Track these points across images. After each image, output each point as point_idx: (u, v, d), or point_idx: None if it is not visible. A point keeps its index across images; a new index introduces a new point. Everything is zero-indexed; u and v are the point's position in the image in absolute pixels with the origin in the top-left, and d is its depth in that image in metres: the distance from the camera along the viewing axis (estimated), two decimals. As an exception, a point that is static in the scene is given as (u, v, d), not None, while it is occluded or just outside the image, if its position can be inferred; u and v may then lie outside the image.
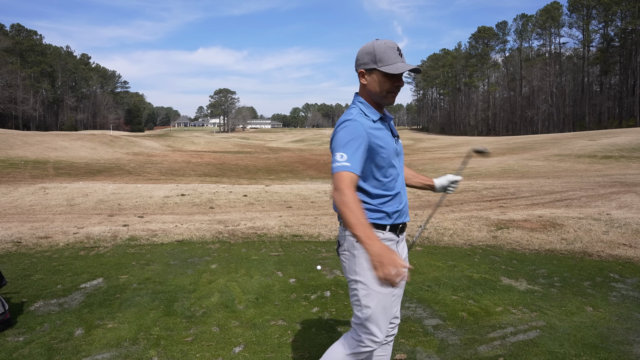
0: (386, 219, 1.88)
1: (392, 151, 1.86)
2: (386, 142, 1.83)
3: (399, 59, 1.79)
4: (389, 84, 1.81)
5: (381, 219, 1.88)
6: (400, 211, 1.91)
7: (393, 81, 1.81)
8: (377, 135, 1.81)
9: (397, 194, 1.89)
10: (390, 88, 1.82)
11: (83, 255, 5.33)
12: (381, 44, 1.78)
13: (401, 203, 1.91)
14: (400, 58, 1.79)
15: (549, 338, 3.02)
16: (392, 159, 1.86)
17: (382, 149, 1.81)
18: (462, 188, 12.46)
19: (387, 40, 1.80)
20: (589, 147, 29.55)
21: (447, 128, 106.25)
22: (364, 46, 1.85)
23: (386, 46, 1.77)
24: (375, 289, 1.77)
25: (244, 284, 4.21)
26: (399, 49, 1.79)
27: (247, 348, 2.92)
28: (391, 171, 1.87)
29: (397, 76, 1.81)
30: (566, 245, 5.56)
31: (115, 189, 12.74)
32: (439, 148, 48.60)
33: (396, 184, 1.90)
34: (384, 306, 1.80)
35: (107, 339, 3.04)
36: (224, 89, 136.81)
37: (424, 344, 2.97)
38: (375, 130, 1.81)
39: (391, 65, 1.76)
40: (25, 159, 25.69)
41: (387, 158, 1.83)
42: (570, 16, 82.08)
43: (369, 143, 1.77)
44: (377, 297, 1.77)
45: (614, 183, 12.51)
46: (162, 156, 34.56)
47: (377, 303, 1.77)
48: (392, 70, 1.76)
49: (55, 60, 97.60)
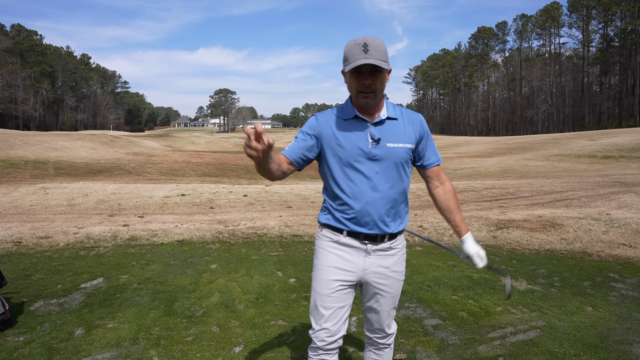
0: (337, 222, 1.82)
1: (354, 152, 1.76)
2: (348, 141, 1.77)
3: (361, 56, 1.65)
4: (356, 83, 1.72)
5: (332, 220, 1.84)
6: (357, 219, 1.79)
7: (359, 79, 1.71)
8: (339, 133, 1.78)
9: (356, 200, 1.77)
10: (358, 87, 1.72)
11: (83, 255, 5.33)
12: (350, 42, 1.69)
13: (362, 212, 1.78)
14: (363, 54, 1.65)
15: (548, 338, 3.02)
16: (354, 161, 1.76)
17: (340, 148, 1.77)
18: (462, 188, 12.47)
19: (359, 37, 1.68)
20: (588, 147, 29.56)
21: (447, 128, 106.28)
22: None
23: (353, 44, 1.67)
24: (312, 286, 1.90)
25: (244, 284, 4.22)
26: (365, 45, 1.65)
27: (247, 348, 2.93)
28: (351, 173, 1.78)
29: (362, 74, 1.70)
30: (566, 245, 5.56)
31: (116, 189, 12.74)
32: (439, 148, 48.52)
33: (357, 189, 1.77)
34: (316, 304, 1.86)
35: (107, 339, 3.04)
36: (224, 89, 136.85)
37: (424, 343, 2.97)
38: (339, 128, 1.78)
39: (351, 64, 1.67)
40: (25, 159, 25.69)
41: (345, 158, 1.77)
42: (570, 16, 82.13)
43: (325, 139, 1.79)
44: (312, 293, 1.89)
45: (614, 183, 12.52)
46: (162, 156, 34.56)
47: (312, 298, 1.89)
48: (348, 67, 1.68)
49: (55, 60, 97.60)
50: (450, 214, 1.93)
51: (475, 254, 1.90)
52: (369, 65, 1.66)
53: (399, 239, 1.90)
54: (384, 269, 1.86)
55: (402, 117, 1.85)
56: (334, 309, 1.83)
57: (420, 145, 1.88)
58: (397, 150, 1.79)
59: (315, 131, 1.80)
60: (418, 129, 1.86)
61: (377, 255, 1.84)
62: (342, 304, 1.85)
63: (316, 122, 1.81)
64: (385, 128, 1.80)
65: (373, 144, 1.77)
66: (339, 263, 1.83)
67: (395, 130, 1.81)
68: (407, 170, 1.86)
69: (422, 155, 1.91)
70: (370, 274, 1.85)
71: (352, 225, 1.80)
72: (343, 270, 1.82)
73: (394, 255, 1.88)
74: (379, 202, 1.78)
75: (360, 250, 1.83)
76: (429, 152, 1.91)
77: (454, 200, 1.94)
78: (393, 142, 1.79)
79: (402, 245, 1.93)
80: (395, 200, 1.82)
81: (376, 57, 1.65)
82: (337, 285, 1.82)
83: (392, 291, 1.91)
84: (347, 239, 1.82)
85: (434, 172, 1.94)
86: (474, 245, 1.91)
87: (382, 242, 1.83)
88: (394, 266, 1.89)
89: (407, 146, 1.82)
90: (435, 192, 1.97)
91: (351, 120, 1.79)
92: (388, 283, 1.89)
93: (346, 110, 1.81)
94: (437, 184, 1.96)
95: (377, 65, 1.64)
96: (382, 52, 1.67)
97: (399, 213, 1.86)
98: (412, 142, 1.84)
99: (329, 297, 1.82)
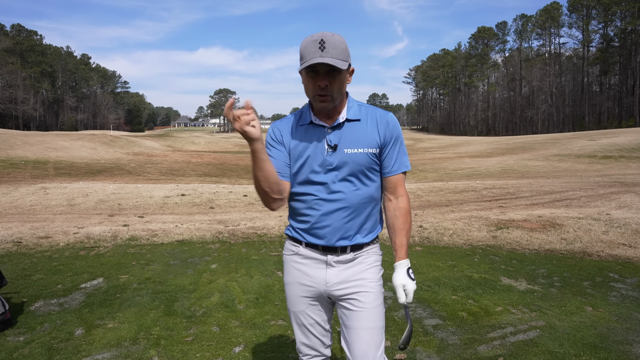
0: (296, 233, 1.69)
1: (311, 161, 1.61)
2: (304, 150, 1.62)
3: (316, 54, 1.47)
4: (312, 84, 1.54)
5: (292, 230, 1.72)
6: (314, 230, 1.63)
7: (315, 80, 1.53)
8: (296, 141, 1.64)
9: (312, 209, 1.62)
10: (314, 89, 1.54)
11: (83, 255, 5.33)
12: (306, 39, 1.52)
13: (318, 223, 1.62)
14: (319, 52, 1.47)
15: (548, 338, 3.02)
16: (310, 170, 1.61)
17: (296, 156, 1.63)
18: (462, 188, 12.46)
19: (316, 34, 1.51)
20: (588, 147, 29.56)
21: (447, 128, 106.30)
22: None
23: (309, 40, 1.50)
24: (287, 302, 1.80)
25: (244, 283, 4.22)
26: (322, 42, 1.47)
27: (247, 348, 2.93)
28: (307, 182, 1.62)
29: (318, 74, 1.52)
30: (566, 245, 5.57)
31: (116, 189, 12.74)
32: (439, 148, 48.62)
33: (312, 199, 1.61)
34: (292, 320, 1.78)
35: (107, 339, 3.05)
36: (224, 89, 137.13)
37: (424, 343, 2.97)
38: (296, 136, 1.65)
39: (305, 62, 1.49)
40: (25, 159, 25.69)
41: (302, 167, 1.62)
42: (570, 16, 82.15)
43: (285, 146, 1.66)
44: (289, 312, 1.79)
45: (614, 183, 12.52)
46: (162, 156, 34.56)
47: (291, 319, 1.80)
48: (302, 66, 1.50)
49: (55, 60, 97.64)
50: (393, 233, 1.69)
51: (399, 285, 1.64)
52: (324, 64, 1.48)
53: (366, 249, 1.69)
54: (350, 276, 1.65)
55: (366, 117, 1.64)
56: (309, 325, 1.72)
57: (385, 149, 1.65)
58: (357, 157, 1.59)
59: (279, 140, 1.66)
60: (383, 130, 1.63)
61: (339, 266, 1.66)
62: (317, 319, 1.72)
63: (277, 131, 1.68)
64: (344, 132, 1.61)
65: (329, 151, 1.59)
66: (301, 278, 1.70)
67: (355, 133, 1.61)
68: (372, 176, 1.65)
69: (382, 160, 1.66)
70: (334, 287, 1.66)
71: (309, 237, 1.65)
72: (305, 286, 1.69)
73: (360, 262, 1.67)
74: (337, 213, 1.60)
75: (320, 262, 1.66)
76: (390, 159, 1.65)
77: (402, 220, 1.68)
78: (351, 148, 1.59)
79: (371, 252, 1.70)
80: (357, 209, 1.62)
81: (333, 56, 1.48)
82: (304, 302, 1.71)
83: (365, 304, 1.63)
84: (306, 250, 1.68)
85: (391, 182, 1.68)
86: (402, 276, 1.64)
87: (344, 254, 1.65)
88: (361, 273, 1.66)
89: (368, 151, 1.61)
90: (385, 206, 1.73)
91: (308, 126, 1.64)
92: (356, 292, 1.64)
93: (304, 116, 1.67)
94: (390, 197, 1.70)
95: (333, 65, 1.47)
96: (341, 50, 1.50)
97: (364, 223, 1.65)
98: (375, 147, 1.62)
99: (301, 314, 1.72)
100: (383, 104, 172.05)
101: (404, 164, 1.68)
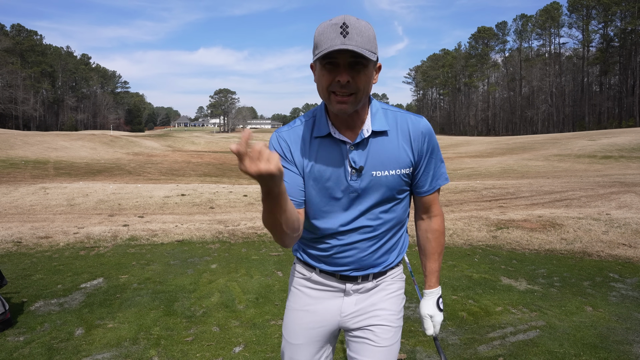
0: (310, 258, 1.44)
1: (330, 185, 1.32)
2: (322, 170, 1.31)
3: (337, 40, 1.13)
4: (327, 79, 1.20)
5: (304, 254, 1.46)
6: (331, 258, 1.39)
7: (332, 74, 1.19)
8: (310, 157, 1.33)
9: (331, 237, 1.37)
10: (330, 85, 1.20)
11: (83, 255, 5.33)
12: (324, 23, 1.19)
13: (338, 251, 1.37)
14: (340, 38, 1.13)
15: (548, 338, 3.02)
16: (328, 195, 1.33)
17: (312, 176, 1.33)
18: (462, 188, 12.46)
19: (337, 17, 1.18)
20: (588, 147, 29.56)
21: (447, 128, 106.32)
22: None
23: (327, 25, 1.17)
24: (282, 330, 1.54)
25: (244, 283, 4.22)
26: (345, 26, 1.14)
27: (247, 348, 2.93)
28: (325, 206, 1.34)
29: (337, 67, 1.18)
30: (566, 245, 5.57)
31: (116, 189, 12.73)
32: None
33: (332, 224, 1.35)
34: (284, 352, 1.51)
35: (107, 339, 3.05)
36: (224, 89, 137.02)
37: (424, 344, 2.97)
38: (310, 150, 1.33)
39: (322, 51, 1.16)
40: (25, 159, 25.69)
41: (318, 189, 1.33)
42: (570, 16, 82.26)
43: (296, 162, 1.33)
44: (282, 338, 1.53)
45: (614, 183, 12.52)
46: (162, 156, 34.55)
47: (282, 343, 1.53)
48: (317, 55, 1.17)
49: (55, 60, 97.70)
50: (424, 257, 1.50)
51: (427, 316, 1.49)
52: (347, 53, 1.15)
53: (390, 274, 1.46)
54: (368, 306, 1.43)
55: (395, 128, 1.33)
56: None
57: (420, 167, 1.38)
58: (387, 180, 1.32)
59: (287, 157, 1.33)
60: (418, 145, 1.34)
61: (358, 294, 1.43)
62: (314, 356, 1.47)
63: (284, 144, 1.34)
64: (371, 150, 1.31)
65: (353, 174, 1.30)
66: (311, 306, 1.45)
67: (384, 151, 1.32)
68: (402, 196, 1.40)
69: (416, 179, 1.40)
70: (349, 318, 1.43)
71: (326, 266, 1.41)
72: (314, 317, 1.44)
73: (382, 290, 1.44)
74: (361, 243, 1.36)
75: (337, 291, 1.43)
76: (425, 177, 1.39)
77: (434, 244, 1.47)
78: (381, 170, 1.31)
79: (396, 279, 1.47)
80: (382, 236, 1.38)
81: (358, 44, 1.14)
82: (307, 336, 1.45)
83: (382, 339, 1.40)
84: (321, 277, 1.43)
85: (425, 202, 1.44)
86: (430, 307, 1.48)
87: (366, 282, 1.42)
88: (381, 303, 1.43)
89: (401, 172, 1.33)
90: (417, 224, 1.51)
91: (324, 139, 1.32)
92: (375, 325, 1.41)
93: (319, 124, 1.33)
94: (422, 216, 1.48)
95: (359, 53, 1.14)
96: (368, 38, 1.17)
97: (390, 246, 1.42)
98: (408, 166, 1.34)
99: (299, 349, 1.45)
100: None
101: (442, 177, 1.42)
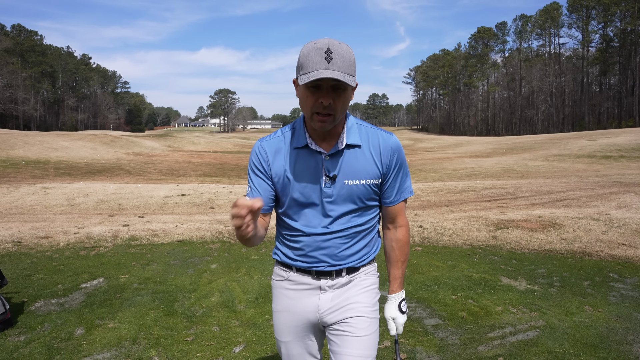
0: (286, 258, 1.56)
1: (306, 192, 1.46)
2: (299, 178, 1.46)
3: (322, 65, 1.28)
4: (312, 100, 1.34)
5: (281, 255, 1.59)
6: (306, 256, 1.52)
7: (316, 96, 1.33)
8: (289, 167, 1.47)
9: (306, 235, 1.50)
10: (314, 106, 1.34)
11: (83, 255, 5.34)
12: (309, 45, 1.32)
13: (312, 248, 1.50)
14: (324, 64, 1.28)
15: (548, 338, 3.02)
16: (305, 200, 1.48)
17: (290, 185, 1.47)
18: (462, 188, 12.46)
19: (320, 40, 1.31)
20: (588, 147, 29.56)
21: (447, 128, 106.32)
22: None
23: (312, 48, 1.30)
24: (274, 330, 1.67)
25: (244, 283, 4.22)
26: (329, 52, 1.28)
27: (247, 348, 2.93)
28: (301, 209, 1.49)
29: (321, 90, 1.32)
30: (565, 245, 5.57)
31: (116, 189, 12.74)
32: (439, 148, 48.64)
33: (307, 224, 1.49)
34: (279, 349, 1.65)
35: (107, 339, 3.05)
36: (224, 89, 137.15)
37: (423, 343, 2.98)
38: (289, 160, 1.47)
39: (308, 74, 1.29)
40: (25, 159, 25.69)
41: (295, 196, 1.48)
42: (569, 17, 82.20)
43: (275, 171, 1.48)
44: (277, 341, 1.66)
45: (613, 183, 12.52)
46: (163, 156, 34.56)
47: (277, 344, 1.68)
48: (304, 80, 1.29)
49: (55, 60, 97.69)
50: (389, 264, 1.63)
51: (389, 318, 1.61)
52: (331, 79, 1.29)
53: (363, 270, 1.58)
54: (344, 301, 1.54)
55: (367, 142, 1.48)
56: (299, 355, 1.60)
57: (387, 179, 1.52)
58: (357, 188, 1.47)
59: (265, 164, 1.49)
60: (387, 159, 1.49)
61: (333, 290, 1.54)
62: (307, 350, 1.60)
63: (264, 154, 1.50)
64: (344, 160, 1.45)
65: (327, 182, 1.45)
66: (292, 306, 1.57)
67: (355, 162, 1.46)
68: (371, 204, 1.54)
69: (383, 189, 1.54)
70: (327, 314, 1.54)
71: (300, 263, 1.53)
72: (296, 315, 1.57)
73: (356, 285, 1.56)
74: (333, 239, 1.49)
75: (313, 288, 1.54)
76: (391, 189, 1.53)
77: (398, 253, 1.60)
78: (352, 179, 1.46)
79: (369, 275, 1.59)
80: (355, 236, 1.52)
81: (341, 69, 1.29)
82: (294, 332, 1.58)
83: (359, 329, 1.51)
84: (297, 275, 1.55)
85: (391, 212, 1.58)
86: (393, 309, 1.61)
87: (339, 277, 1.54)
88: (356, 296, 1.54)
89: (370, 182, 1.48)
90: (384, 233, 1.65)
91: (302, 150, 1.46)
92: (351, 317, 1.52)
93: (297, 136, 1.47)
94: (389, 226, 1.61)
95: (342, 81, 1.28)
96: (349, 62, 1.31)
97: (362, 246, 1.55)
98: (376, 177, 1.49)
99: (290, 345, 1.60)
100: (383, 104, 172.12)
101: (406, 190, 1.57)
